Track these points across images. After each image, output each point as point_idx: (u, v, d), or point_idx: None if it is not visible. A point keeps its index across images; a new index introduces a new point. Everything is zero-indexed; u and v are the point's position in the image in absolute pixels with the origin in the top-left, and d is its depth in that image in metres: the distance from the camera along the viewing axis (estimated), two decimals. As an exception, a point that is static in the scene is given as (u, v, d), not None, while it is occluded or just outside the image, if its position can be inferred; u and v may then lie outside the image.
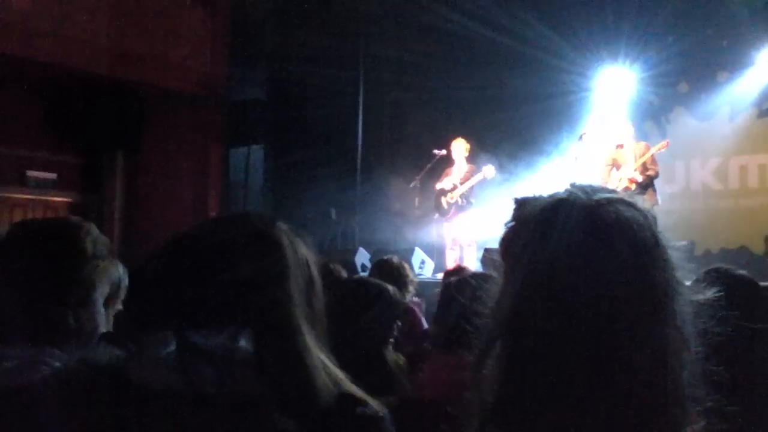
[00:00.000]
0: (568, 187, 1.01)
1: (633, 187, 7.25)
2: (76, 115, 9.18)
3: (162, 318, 1.04)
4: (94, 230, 1.67)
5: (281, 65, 10.02)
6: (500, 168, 8.57)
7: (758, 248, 8.83)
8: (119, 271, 3.16)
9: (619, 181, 7.59)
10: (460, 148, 8.55)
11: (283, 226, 1.20)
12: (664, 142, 7.79)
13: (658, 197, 7.56)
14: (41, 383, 1.12)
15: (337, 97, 10.08)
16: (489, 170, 8.31)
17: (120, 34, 8.62)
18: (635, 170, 7.52)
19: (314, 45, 9.60)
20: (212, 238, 1.15)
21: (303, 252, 1.19)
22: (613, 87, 9.65)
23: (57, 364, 1.42)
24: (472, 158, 8.63)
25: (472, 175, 8.40)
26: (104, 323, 1.69)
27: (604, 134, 8.18)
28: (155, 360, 0.99)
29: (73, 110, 9.16)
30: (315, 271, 1.20)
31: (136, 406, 0.98)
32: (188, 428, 0.98)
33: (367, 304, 2.67)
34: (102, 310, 1.67)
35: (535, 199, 1.02)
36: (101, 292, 1.66)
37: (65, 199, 9.82)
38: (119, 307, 3.12)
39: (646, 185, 7.46)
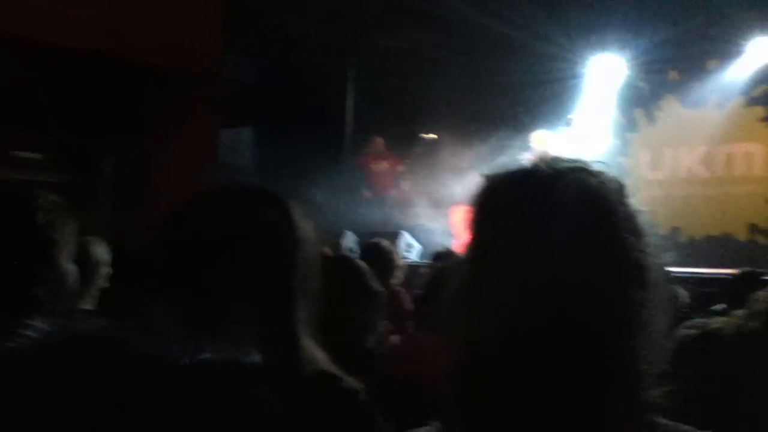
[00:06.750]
0: (533, 159, 0.99)
1: None
2: (69, 95, 9.11)
3: (169, 289, 1.07)
4: (45, 197, 1.62)
5: (274, 49, 9.99)
6: (488, 155, 8.57)
7: (742, 235, 8.92)
8: (100, 250, 3.17)
9: None
10: None
11: (293, 202, 1.24)
12: None
13: None
14: (20, 351, 1.13)
15: (327, 81, 10.06)
16: None
17: (115, 13, 8.56)
18: None
19: (307, 30, 9.56)
20: (226, 205, 1.19)
21: (309, 231, 1.23)
22: (602, 74, 9.67)
23: (35, 334, 1.43)
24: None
25: None
26: (77, 278, 1.67)
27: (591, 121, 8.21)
28: (137, 329, 1.01)
29: (66, 90, 9.08)
30: (315, 252, 1.24)
31: (116, 372, 1.00)
32: (169, 395, 0.99)
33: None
34: (72, 266, 1.65)
35: (501, 175, 0.99)
36: (67, 251, 1.63)
37: (57, 180, 9.75)
38: (103, 283, 3.14)
39: None
